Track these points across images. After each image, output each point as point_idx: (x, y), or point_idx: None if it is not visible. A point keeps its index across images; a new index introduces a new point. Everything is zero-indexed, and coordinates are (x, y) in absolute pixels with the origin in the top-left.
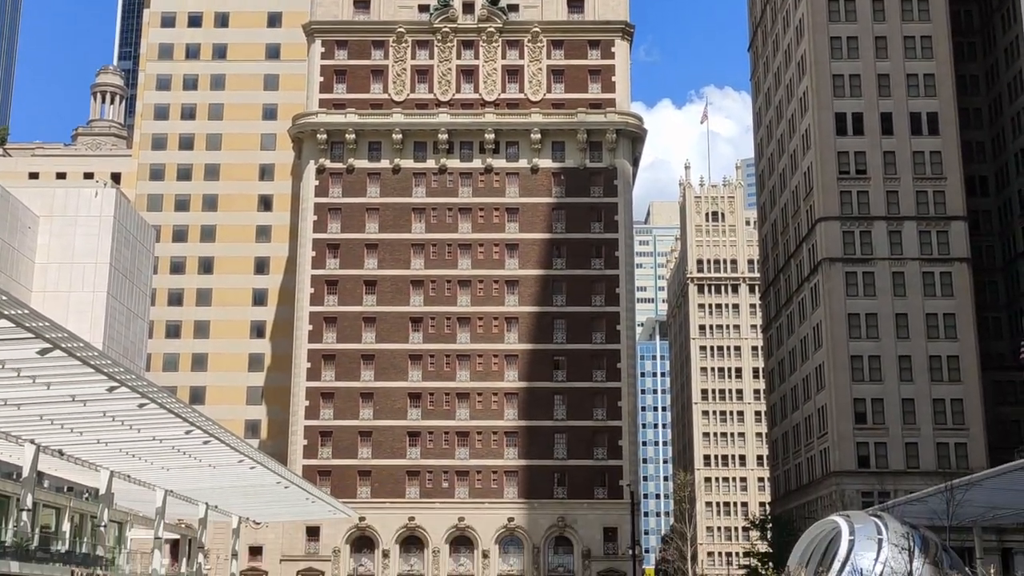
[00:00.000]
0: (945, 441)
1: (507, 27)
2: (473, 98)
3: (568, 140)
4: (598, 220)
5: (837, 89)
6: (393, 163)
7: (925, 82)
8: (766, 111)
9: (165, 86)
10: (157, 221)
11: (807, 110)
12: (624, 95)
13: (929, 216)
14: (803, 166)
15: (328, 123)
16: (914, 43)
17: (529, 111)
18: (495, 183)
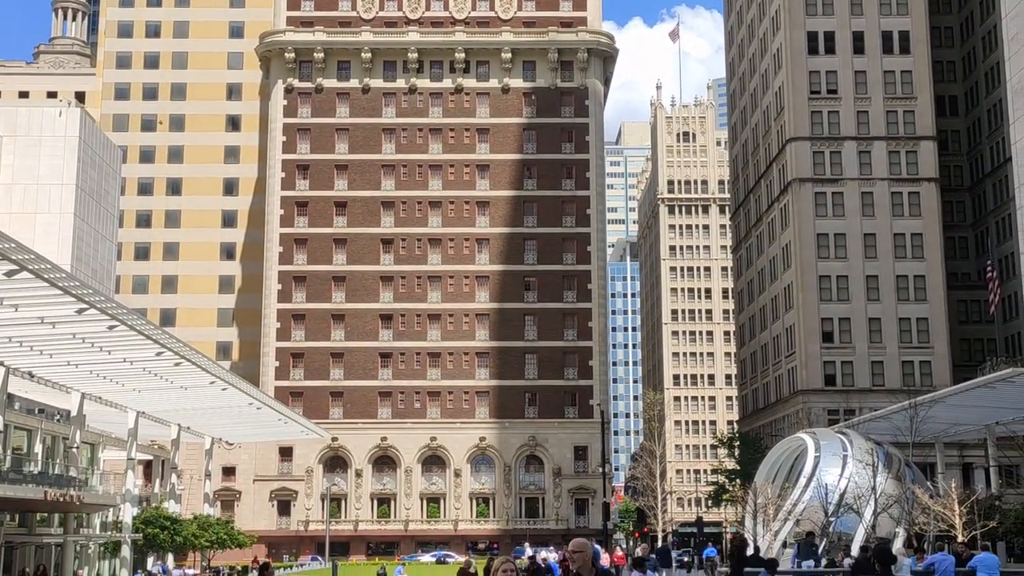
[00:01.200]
0: (910, 359)
1: None
2: (443, 16)
3: (539, 59)
4: (569, 140)
5: (809, 7)
6: (362, 83)
7: (897, 0)
8: (738, 30)
9: (128, 3)
10: (123, 141)
11: (779, 29)
12: (595, 14)
13: (898, 136)
14: (774, 86)
15: (296, 41)
16: None
17: (500, 30)
18: (465, 103)
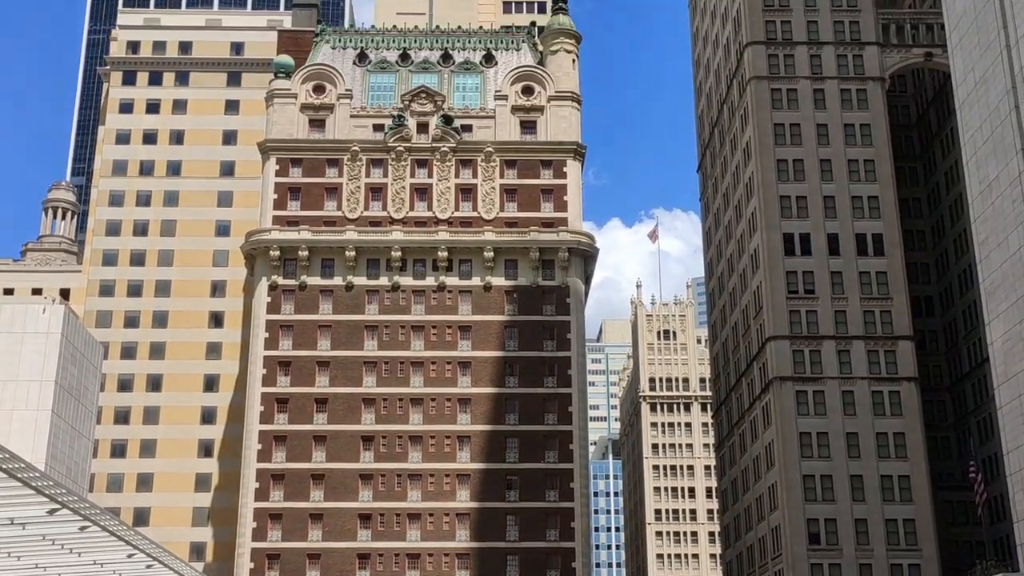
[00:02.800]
0: (899, 562)
1: (461, 146)
2: (427, 216)
3: (521, 258)
4: (551, 338)
5: (784, 210)
6: (346, 280)
7: (869, 204)
8: (715, 231)
9: (118, 202)
10: (106, 338)
11: (755, 230)
12: (576, 214)
13: (877, 336)
14: (752, 285)
15: (281, 240)
16: (858, 167)
17: (482, 229)
18: (448, 301)
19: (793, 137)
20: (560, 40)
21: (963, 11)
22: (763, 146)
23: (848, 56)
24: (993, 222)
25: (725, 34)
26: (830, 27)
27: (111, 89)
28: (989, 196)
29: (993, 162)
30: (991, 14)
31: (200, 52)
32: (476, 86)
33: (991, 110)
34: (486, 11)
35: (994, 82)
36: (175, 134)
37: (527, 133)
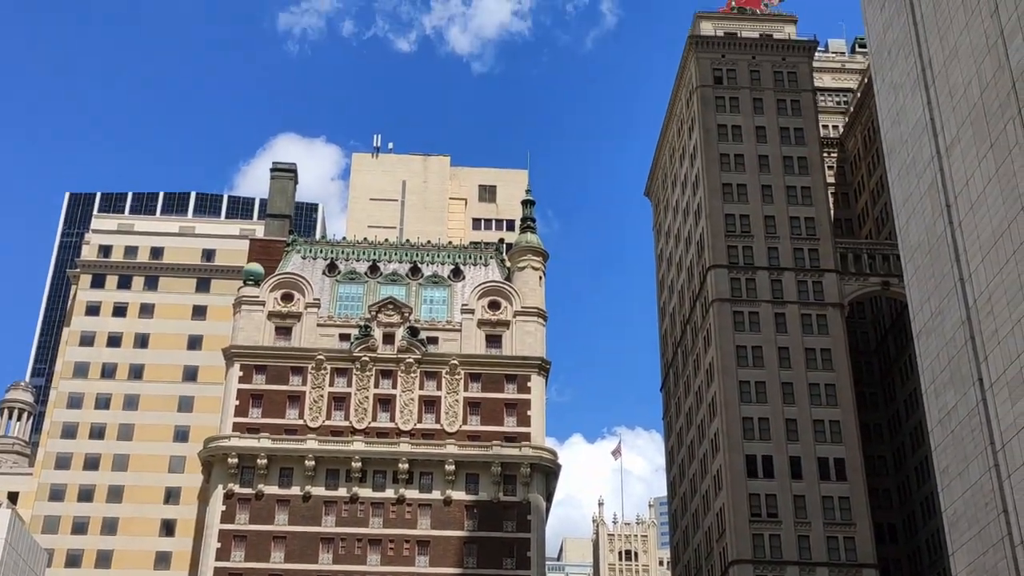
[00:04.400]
0: None
1: (426, 358)
2: (389, 427)
3: (482, 473)
4: (510, 556)
5: (747, 432)
6: (304, 490)
7: (831, 428)
8: (678, 450)
9: (76, 404)
10: (52, 544)
11: (718, 451)
12: (539, 429)
13: (841, 563)
14: (715, 507)
15: (241, 447)
16: (819, 390)
17: (444, 442)
18: (407, 514)
19: (755, 359)
20: (528, 257)
21: (917, 244)
22: (726, 367)
23: (808, 282)
24: (953, 451)
25: (689, 257)
26: (790, 254)
27: (79, 291)
28: (948, 425)
29: (951, 391)
30: (944, 247)
31: (171, 258)
32: (443, 299)
33: (947, 340)
34: (456, 227)
35: (949, 313)
36: (140, 338)
37: (493, 347)
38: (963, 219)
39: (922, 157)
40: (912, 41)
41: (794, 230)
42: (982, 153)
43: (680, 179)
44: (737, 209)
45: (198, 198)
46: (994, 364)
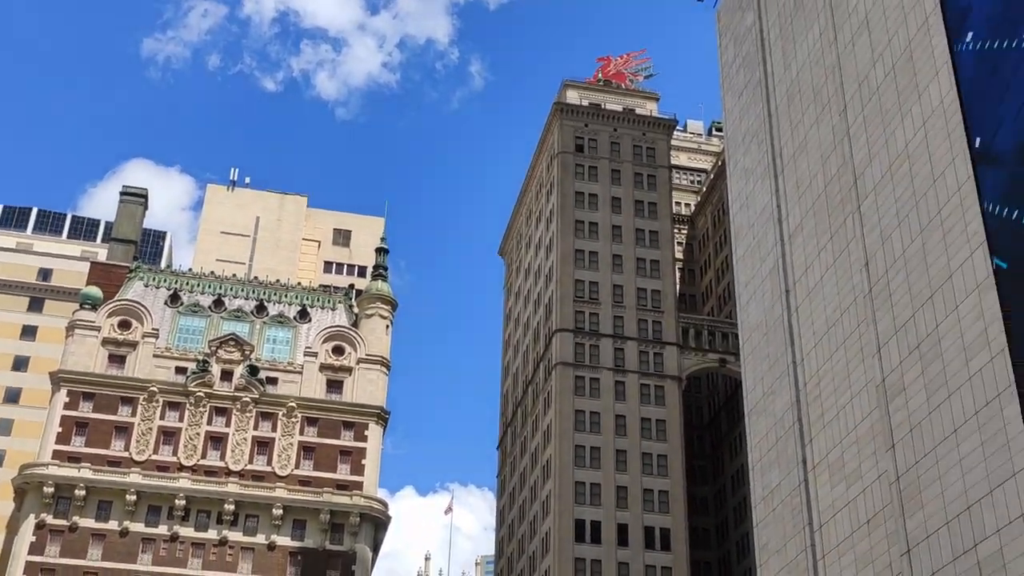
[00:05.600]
0: None
1: (263, 398)
2: (218, 466)
3: (311, 519)
4: None
5: (579, 496)
6: (122, 525)
7: (660, 498)
8: (509, 510)
9: None
10: None
11: (548, 514)
12: (372, 480)
13: None
14: (541, 569)
15: (59, 476)
16: (651, 460)
17: (274, 485)
18: (228, 557)
19: (592, 425)
20: (376, 305)
21: (755, 324)
22: (563, 430)
23: (649, 353)
24: (773, 528)
25: (536, 319)
26: (635, 324)
27: None
28: (771, 503)
29: (776, 470)
30: (780, 330)
31: (5, 274)
32: (287, 340)
33: (776, 420)
34: (307, 268)
35: (780, 394)
36: None
37: (333, 392)
38: (800, 305)
39: (766, 242)
40: (765, 130)
41: (640, 301)
42: (822, 243)
43: (535, 241)
44: (587, 276)
45: (39, 215)
46: (818, 447)
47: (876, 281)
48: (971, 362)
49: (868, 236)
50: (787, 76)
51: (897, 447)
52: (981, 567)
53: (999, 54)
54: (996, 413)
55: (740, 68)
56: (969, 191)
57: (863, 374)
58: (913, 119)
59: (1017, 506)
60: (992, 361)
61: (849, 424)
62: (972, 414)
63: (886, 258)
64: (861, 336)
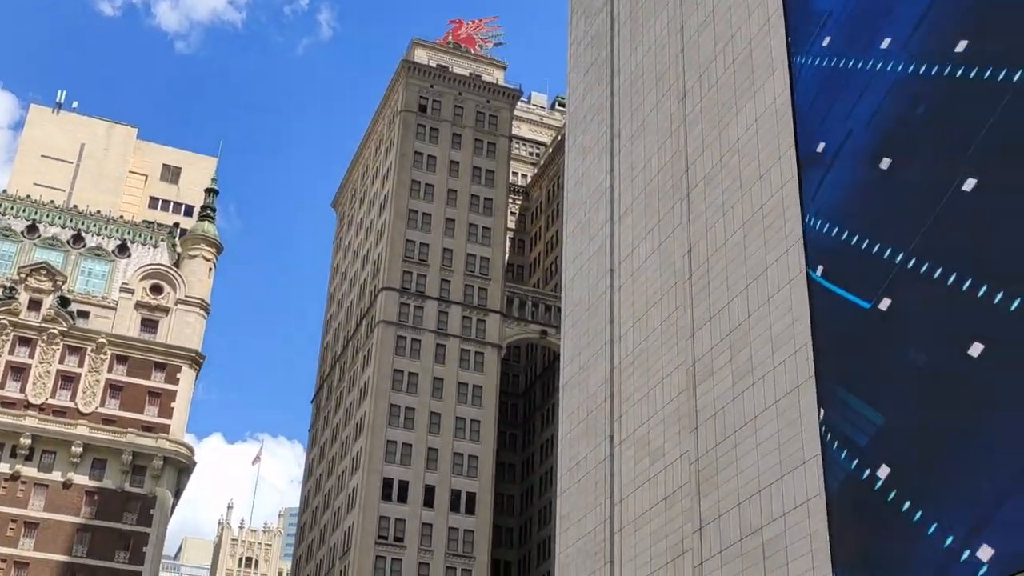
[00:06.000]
0: None
1: (72, 332)
2: (17, 398)
3: (112, 459)
4: (125, 549)
5: (389, 455)
6: None
7: (469, 463)
8: (318, 464)
9: None
10: None
11: (357, 471)
12: (180, 423)
13: None
14: (345, 525)
15: None
16: (465, 424)
17: (76, 422)
18: (19, 492)
19: (410, 386)
20: (201, 246)
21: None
22: (380, 390)
23: (473, 319)
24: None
25: (363, 275)
26: (461, 289)
27: None
28: (576, 474)
29: (584, 443)
30: (601, 308)
31: None
32: (104, 274)
33: (589, 395)
34: (131, 202)
35: (595, 370)
36: None
37: (147, 332)
38: (623, 285)
39: (597, 220)
40: (606, 110)
41: (468, 267)
42: (650, 226)
43: (369, 197)
44: (418, 237)
45: None
46: (626, 424)
47: (697, 268)
48: (776, 353)
49: (693, 224)
50: (632, 59)
51: (700, 429)
52: (765, 547)
53: (843, 72)
54: (794, 403)
55: (588, 46)
56: (791, 191)
57: (676, 356)
58: (747, 116)
59: (803, 492)
60: (796, 353)
61: (658, 404)
62: (772, 402)
63: (708, 247)
64: (677, 320)
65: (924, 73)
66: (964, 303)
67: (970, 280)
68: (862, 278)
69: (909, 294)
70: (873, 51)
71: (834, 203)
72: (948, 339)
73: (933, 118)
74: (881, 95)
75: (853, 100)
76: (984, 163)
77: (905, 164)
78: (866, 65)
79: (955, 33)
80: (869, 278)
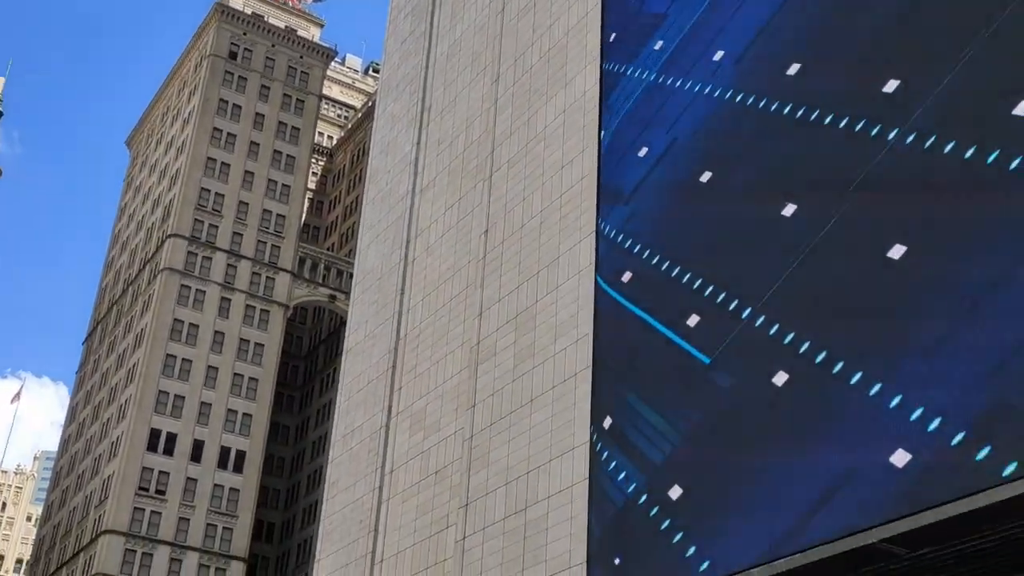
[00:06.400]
0: None
1: None
2: None
3: None
4: None
5: (160, 405)
6: None
7: (242, 421)
8: (83, 408)
9: None
10: None
11: (124, 419)
12: None
13: (213, 551)
14: (105, 473)
15: None
16: (242, 382)
17: None
18: None
19: (189, 337)
20: None
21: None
22: (157, 338)
23: (262, 276)
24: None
25: (152, 219)
26: (253, 245)
27: None
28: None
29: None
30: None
31: None
32: None
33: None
34: None
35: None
36: None
37: None
38: (417, 257)
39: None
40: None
41: (264, 222)
42: (450, 203)
43: (167, 140)
44: (214, 186)
45: None
46: (405, 396)
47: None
48: (558, 340)
49: (493, 205)
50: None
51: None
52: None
53: (669, 81)
54: (570, 391)
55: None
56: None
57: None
58: (556, 105)
59: (569, 477)
60: (576, 343)
61: (439, 379)
62: (550, 388)
63: (505, 230)
64: (467, 298)
65: (748, 95)
66: (763, 339)
67: (765, 317)
68: (660, 299)
69: (710, 320)
70: (702, 64)
71: (638, 217)
72: (745, 367)
73: (752, 143)
74: (703, 110)
75: (676, 112)
76: (800, 197)
77: (717, 187)
78: (690, 78)
79: (789, 57)
80: (667, 300)
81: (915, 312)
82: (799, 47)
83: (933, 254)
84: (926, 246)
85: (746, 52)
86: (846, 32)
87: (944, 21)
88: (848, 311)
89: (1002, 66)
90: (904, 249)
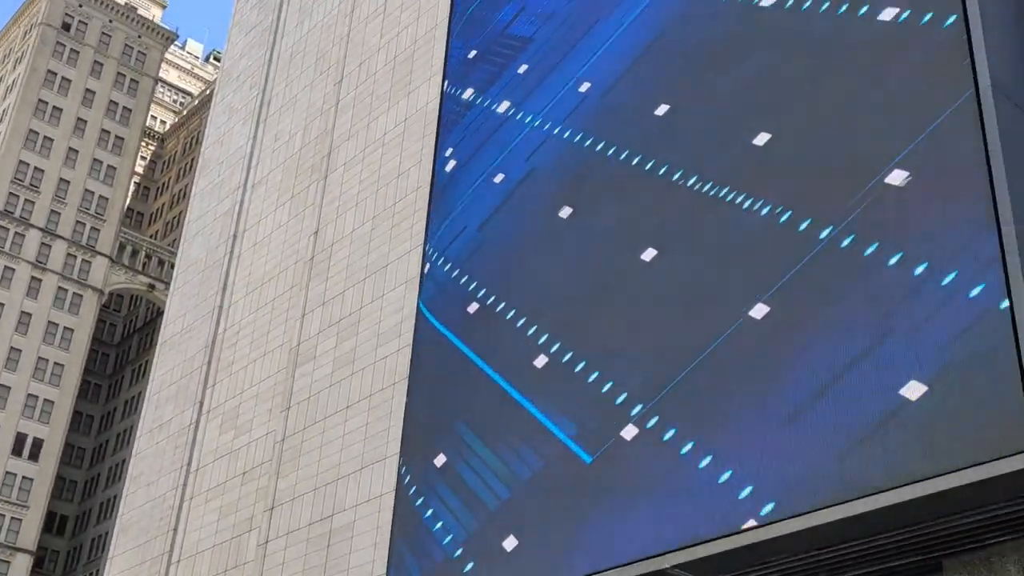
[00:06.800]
0: None
1: None
2: None
3: None
4: None
5: None
6: None
7: (43, 407)
8: None
9: None
10: None
11: None
12: None
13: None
14: None
15: None
16: (47, 367)
17: None
18: None
19: None
20: None
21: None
22: None
23: (78, 258)
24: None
25: None
26: (71, 225)
27: None
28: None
29: (171, 406)
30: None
31: None
32: None
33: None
34: None
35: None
36: None
37: None
38: (243, 253)
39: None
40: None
41: (84, 203)
42: (282, 201)
43: None
44: (35, 160)
45: None
46: (218, 393)
47: (320, 251)
48: (379, 348)
49: (325, 207)
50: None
51: (292, 410)
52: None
53: (521, 109)
54: (388, 400)
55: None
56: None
57: (282, 335)
58: (397, 113)
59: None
60: (398, 352)
61: (255, 378)
62: (367, 396)
63: (335, 233)
64: (291, 299)
65: (610, 140)
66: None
67: (571, 352)
68: (495, 343)
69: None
70: (565, 95)
71: (458, 241)
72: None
73: (610, 190)
74: (560, 148)
75: (535, 143)
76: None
77: (578, 226)
78: (550, 109)
79: (658, 96)
80: (475, 328)
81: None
82: (669, 87)
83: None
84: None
85: (615, 85)
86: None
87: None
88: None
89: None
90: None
